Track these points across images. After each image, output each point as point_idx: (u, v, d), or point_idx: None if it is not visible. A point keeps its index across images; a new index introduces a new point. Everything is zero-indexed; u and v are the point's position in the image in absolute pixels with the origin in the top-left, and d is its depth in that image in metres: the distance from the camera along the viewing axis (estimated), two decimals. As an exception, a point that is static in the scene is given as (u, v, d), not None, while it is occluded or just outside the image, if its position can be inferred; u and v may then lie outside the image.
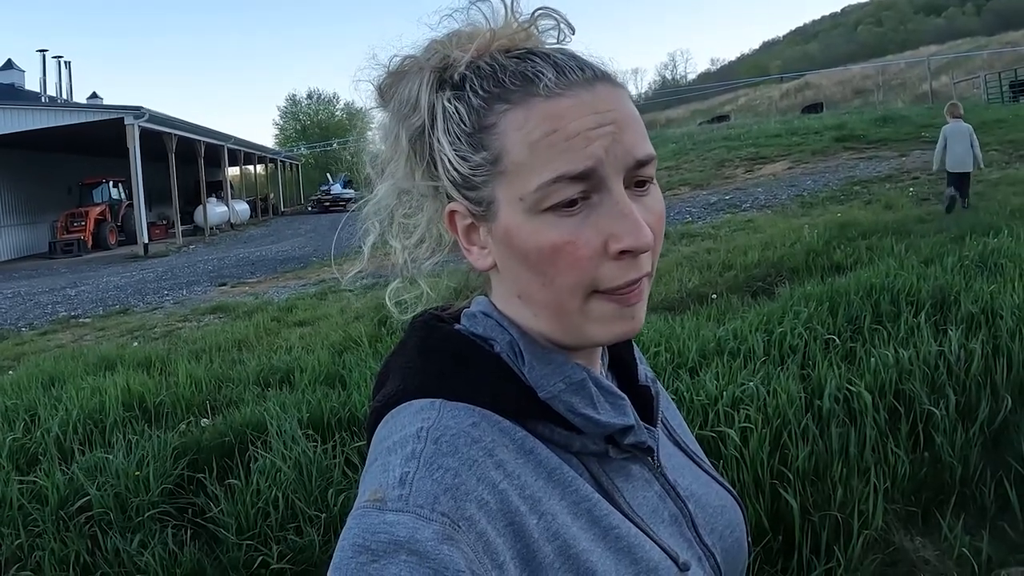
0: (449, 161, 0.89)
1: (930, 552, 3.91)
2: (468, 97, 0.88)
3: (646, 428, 0.96)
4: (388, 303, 1.05)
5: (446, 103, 0.89)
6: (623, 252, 0.84)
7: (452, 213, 0.93)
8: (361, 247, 1.03)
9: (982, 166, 14.50)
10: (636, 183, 0.87)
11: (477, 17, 0.92)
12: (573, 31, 0.95)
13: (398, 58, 0.94)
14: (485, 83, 0.87)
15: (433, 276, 1.04)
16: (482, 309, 0.97)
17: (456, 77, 0.89)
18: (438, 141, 0.90)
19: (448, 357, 0.93)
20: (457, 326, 0.98)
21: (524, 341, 0.92)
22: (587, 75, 0.87)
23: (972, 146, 13.65)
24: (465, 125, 0.88)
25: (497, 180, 0.87)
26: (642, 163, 0.86)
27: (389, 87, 0.95)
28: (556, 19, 0.94)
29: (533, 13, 0.93)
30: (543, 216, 0.84)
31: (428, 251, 1.01)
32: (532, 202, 0.84)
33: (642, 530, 0.90)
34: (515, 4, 0.92)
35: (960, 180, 13.62)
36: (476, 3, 0.92)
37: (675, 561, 0.90)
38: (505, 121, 0.85)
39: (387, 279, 1.05)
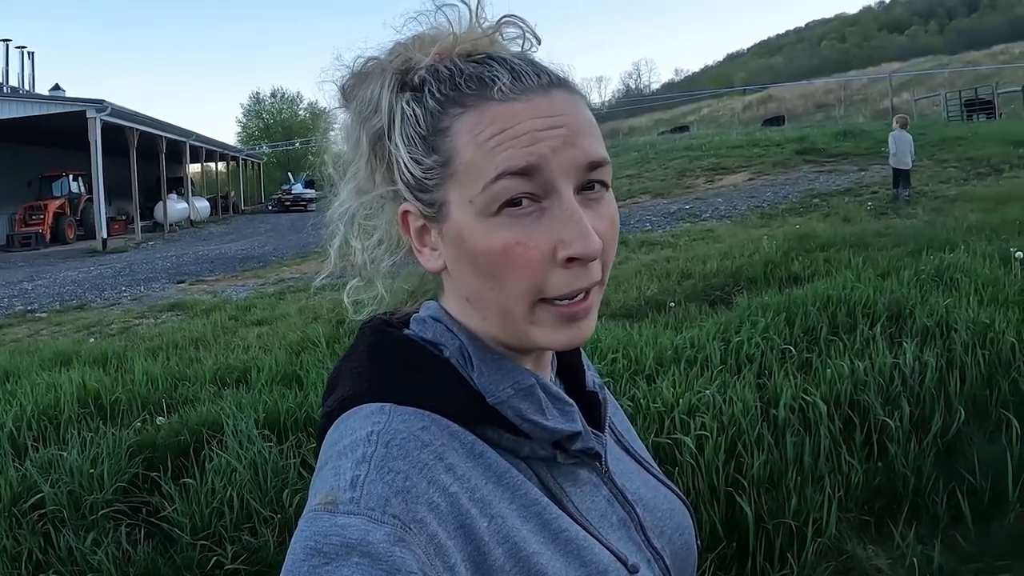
0: (404, 164, 0.90)
1: (883, 560, 3.95)
2: (425, 100, 0.88)
3: (594, 433, 0.97)
4: (346, 300, 1.05)
5: (404, 105, 0.90)
6: (571, 259, 0.84)
7: (405, 214, 0.93)
8: (328, 249, 1.03)
9: (912, 164, 18.75)
10: (586, 187, 0.87)
11: (443, 21, 0.92)
12: (539, 41, 0.95)
13: (362, 59, 0.94)
14: (442, 87, 0.88)
15: (390, 278, 1.04)
16: (432, 314, 0.97)
17: (416, 80, 0.90)
18: (394, 144, 0.90)
19: (398, 362, 0.93)
20: (407, 331, 0.98)
21: (473, 347, 0.92)
22: (543, 81, 0.88)
23: (912, 150, 18.44)
24: (420, 128, 0.88)
25: (448, 183, 0.87)
26: (594, 165, 0.87)
27: (352, 88, 0.95)
28: (522, 27, 0.94)
29: (499, 20, 0.93)
30: (494, 219, 0.84)
31: (386, 252, 1.01)
32: (482, 204, 0.85)
33: (591, 534, 0.90)
34: (480, 9, 0.92)
35: (903, 175, 18.22)
36: (442, 7, 0.92)
37: (624, 564, 0.91)
38: (458, 124, 0.86)
39: (346, 280, 1.05)
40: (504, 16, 0.94)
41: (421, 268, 0.99)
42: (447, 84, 0.88)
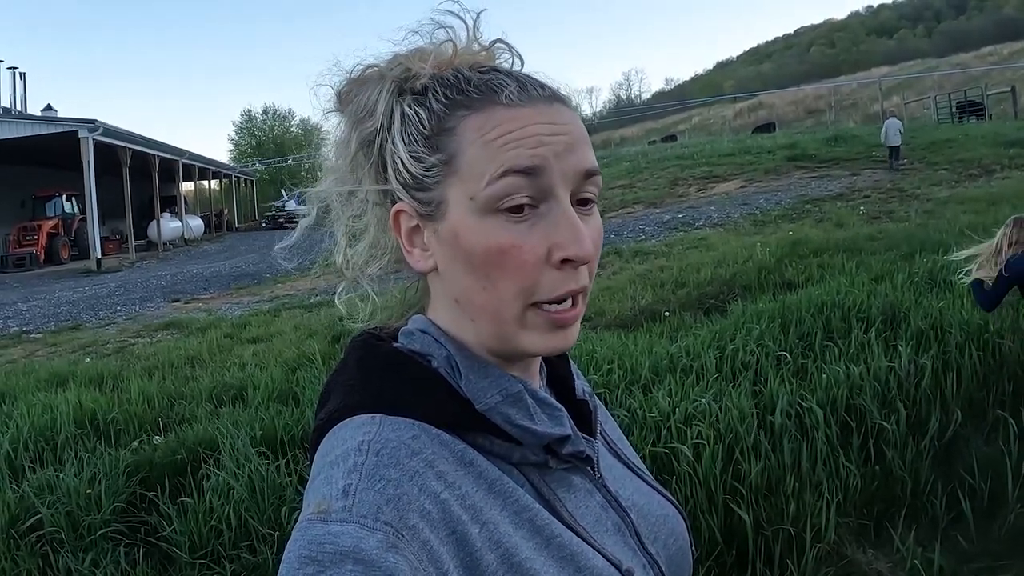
0: (402, 162, 0.91)
1: (883, 564, 3.96)
2: (430, 102, 0.90)
3: (584, 439, 0.98)
4: (338, 303, 1.06)
5: (406, 108, 0.91)
6: (565, 261, 0.87)
7: (398, 213, 0.94)
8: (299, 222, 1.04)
9: (901, 141, 24.50)
10: (580, 201, 0.90)
11: (440, 36, 0.95)
12: (523, 62, 0.98)
13: (360, 66, 0.96)
14: (449, 91, 0.90)
15: (378, 286, 1.04)
16: (419, 326, 0.98)
17: (418, 86, 0.92)
18: (392, 144, 0.92)
19: (387, 374, 0.94)
20: (395, 344, 0.99)
21: (461, 355, 0.93)
22: (546, 93, 0.91)
23: (901, 131, 24.53)
24: (424, 128, 0.90)
25: (449, 180, 0.89)
26: (590, 173, 0.90)
27: (348, 92, 0.97)
28: (511, 51, 0.98)
29: (492, 42, 0.97)
30: (492, 218, 0.86)
31: (370, 255, 1.01)
32: (483, 201, 0.86)
33: (584, 539, 0.91)
34: (476, 29, 0.96)
35: (894, 150, 24.15)
36: (441, 25, 0.95)
37: (619, 569, 0.91)
38: (464, 124, 0.88)
39: (336, 291, 1.06)
40: (496, 40, 0.97)
41: (406, 281, 1.01)
42: (453, 89, 0.90)
